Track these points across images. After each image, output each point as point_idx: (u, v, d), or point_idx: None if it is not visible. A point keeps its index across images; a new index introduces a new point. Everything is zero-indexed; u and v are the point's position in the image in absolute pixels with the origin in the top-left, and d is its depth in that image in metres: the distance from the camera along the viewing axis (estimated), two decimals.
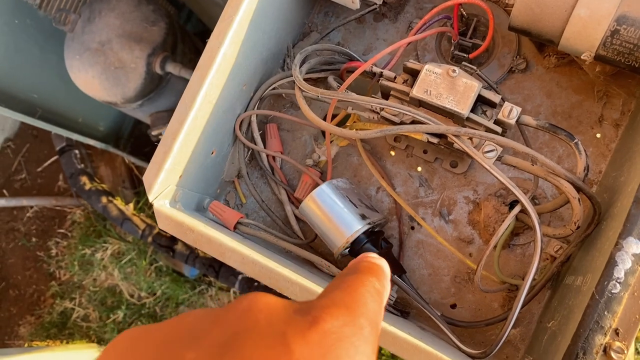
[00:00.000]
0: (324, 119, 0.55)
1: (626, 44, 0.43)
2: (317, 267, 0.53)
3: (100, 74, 1.06)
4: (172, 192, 0.48)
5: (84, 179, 1.52)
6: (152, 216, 1.58)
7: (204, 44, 1.34)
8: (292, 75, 0.56)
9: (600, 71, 0.50)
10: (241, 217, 0.52)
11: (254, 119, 0.56)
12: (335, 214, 0.50)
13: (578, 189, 0.44)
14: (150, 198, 0.46)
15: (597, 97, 0.53)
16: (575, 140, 0.45)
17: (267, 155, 0.57)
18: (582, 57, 0.46)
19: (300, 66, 0.52)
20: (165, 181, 0.47)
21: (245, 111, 0.55)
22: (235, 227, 0.52)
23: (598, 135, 0.53)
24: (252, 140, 0.56)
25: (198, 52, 1.23)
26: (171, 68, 1.06)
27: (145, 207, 1.60)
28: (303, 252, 0.51)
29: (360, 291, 0.26)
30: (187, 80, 1.08)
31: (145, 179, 0.46)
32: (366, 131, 0.46)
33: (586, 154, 0.44)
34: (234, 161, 0.57)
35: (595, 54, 0.45)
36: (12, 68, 1.17)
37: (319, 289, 0.42)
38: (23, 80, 1.20)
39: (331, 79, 0.54)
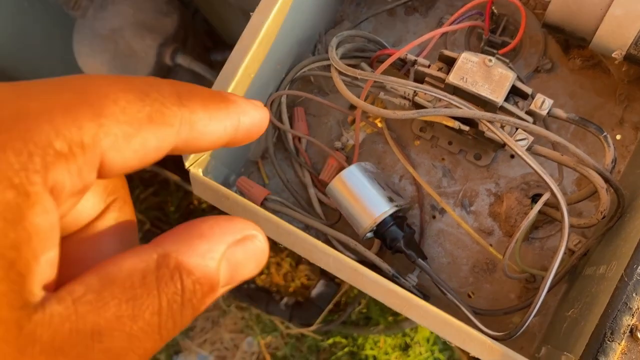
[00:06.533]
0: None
1: None
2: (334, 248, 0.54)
3: (109, 61, 1.06)
4: (206, 161, 0.48)
5: None
6: (143, 212, 1.57)
7: (212, 42, 1.34)
8: (323, 60, 0.57)
9: (625, 73, 0.52)
10: (268, 194, 0.53)
11: (283, 99, 0.57)
12: (363, 195, 0.51)
13: (605, 180, 0.45)
14: (187, 164, 0.46)
15: (619, 101, 0.55)
16: (605, 134, 0.46)
17: (293, 137, 0.58)
18: (612, 56, 0.48)
19: (335, 50, 0.53)
20: None
21: (277, 91, 0.56)
22: (262, 203, 0.53)
23: (618, 137, 0.55)
24: (280, 120, 0.57)
25: (207, 49, 1.24)
26: (181, 60, 1.07)
27: (137, 202, 1.59)
28: (331, 230, 0.52)
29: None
30: (195, 74, 1.09)
31: None
32: (403, 112, 0.47)
33: (614, 147, 0.46)
34: (261, 141, 0.58)
35: (626, 53, 0.47)
36: (17, 51, 1.17)
37: (350, 261, 0.43)
38: (27, 63, 1.19)
39: (364, 65, 0.55)
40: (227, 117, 0.21)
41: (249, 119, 0.22)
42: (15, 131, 0.15)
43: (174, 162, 0.56)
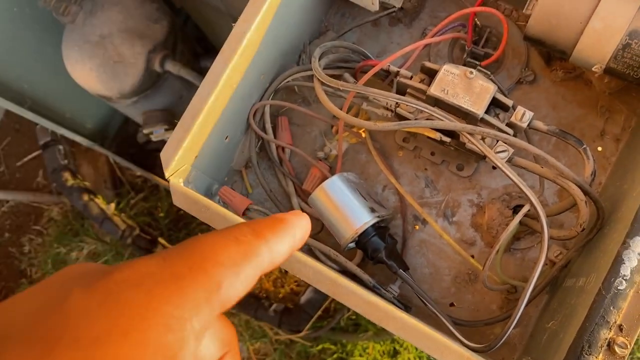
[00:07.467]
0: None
1: (636, 57, 0.46)
2: (317, 258, 0.53)
3: (99, 66, 1.06)
4: (186, 171, 0.48)
5: (67, 175, 1.50)
6: (133, 217, 1.56)
7: (203, 49, 1.34)
8: (307, 70, 0.57)
9: (607, 85, 0.53)
10: (250, 204, 0.53)
11: (267, 109, 0.57)
12: (345, 205, 0.51)
13: (585, 193, 0.45)
14: (167, 174, 0.46)
15: (600, 112, 0.56)
16: (584, 146, 0.47)
17: (277, 147, 0.58)
18: (592, 69, 0.48)
19: (319, 60, 0.53)
20: (182, 159, 0.47)
21: (260, 101, 0.56)
22: (243, 213, 0.53)
23: (599, 149, 0.55)
24: (264, 130, 0.57)
25: (196, 55, 1.24)
26: (170, 67, 1.07)
27: (127, 208, 1.58)
28: (313, 241, 0.52)
29: (215, 244, 0.23)
30: (184, 80, 1.09)
31: (163, 155, 0.46)
32: (384, 123, 0.47)
33: (594, 160, 0.46)
34: (244, 150, 0.58)
35: (606, 66, 0.48)
36: (6, 56, 1.16)
37: (330, 273, 0.43)
38: (16, 69, 1.18)
39: (347, 75, 0.55)
40: (288, 234, 0.26)
41: (301, 231, 0.27)
42: (172, 289, 0.21)
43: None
